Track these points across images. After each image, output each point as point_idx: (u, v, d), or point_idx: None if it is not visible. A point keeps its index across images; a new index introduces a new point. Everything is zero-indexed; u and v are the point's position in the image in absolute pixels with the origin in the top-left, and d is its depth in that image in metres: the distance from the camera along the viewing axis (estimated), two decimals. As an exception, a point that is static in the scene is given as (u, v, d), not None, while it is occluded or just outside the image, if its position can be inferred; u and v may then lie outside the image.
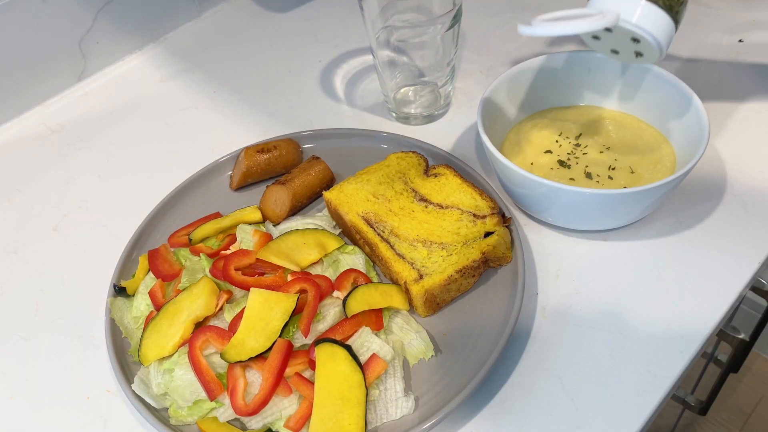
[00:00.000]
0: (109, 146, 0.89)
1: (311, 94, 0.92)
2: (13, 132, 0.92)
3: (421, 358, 0.61)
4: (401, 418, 0.57)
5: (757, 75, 0.86)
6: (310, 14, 1.05)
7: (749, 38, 0.92)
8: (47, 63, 0.93)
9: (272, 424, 0.57)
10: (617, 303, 0.65)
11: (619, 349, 0.61)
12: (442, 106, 0.85)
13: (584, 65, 0.75)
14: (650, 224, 0.71)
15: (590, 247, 0.70)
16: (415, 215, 0.69)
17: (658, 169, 0.70)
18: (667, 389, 0.59)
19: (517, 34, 0.98)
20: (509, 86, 0.74)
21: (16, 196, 0.84)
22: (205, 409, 0.58)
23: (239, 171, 0.76)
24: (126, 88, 0.97)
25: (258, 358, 0.58)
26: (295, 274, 0.65)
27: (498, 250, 0.64)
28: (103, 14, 0.94)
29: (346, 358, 0.56)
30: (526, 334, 0.63)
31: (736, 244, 0.68)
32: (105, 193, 0.83)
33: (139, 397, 0.59)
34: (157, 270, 0.67)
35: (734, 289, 0.65)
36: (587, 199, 0.63)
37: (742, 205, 0.71)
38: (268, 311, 0.59)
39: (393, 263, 0.65)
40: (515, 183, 0.67)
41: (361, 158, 0.77)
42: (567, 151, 0.73)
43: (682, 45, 0.92)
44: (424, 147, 0.77)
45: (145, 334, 0.61)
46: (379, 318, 0.62)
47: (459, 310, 0.64)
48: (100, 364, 0.65)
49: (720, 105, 0.81)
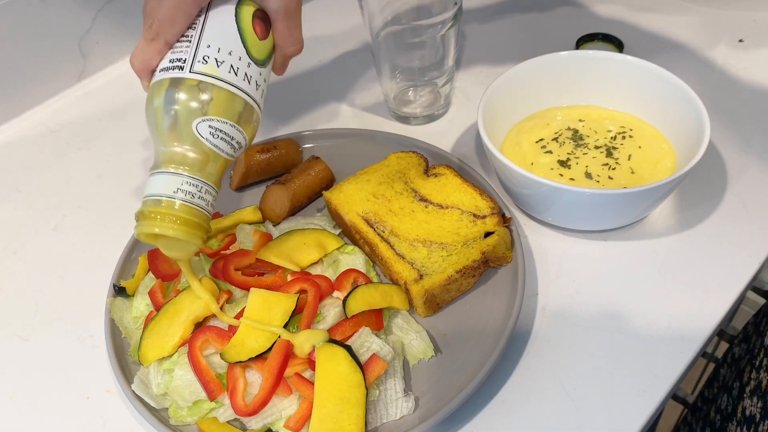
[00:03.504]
0: (109, 146, 0.89)
1: (311, 94, 0.92)
2: (13, 132, 0.92)
3: (421, 358, 0.61)
4: (401, 418, 0.57)
5: (757, 75, 0.86)
6: (310, 14, 1.05)
7: (749, 38, 0.92)
8: (47, 63, 0.92)
9: (272, 424, 0.57)
10: (617, 303, 0.65)
11: (619, 349, 0.61)
12: (442, 106, 0.85)
13: (584, 65, 0.75)
14: (650, 224, 0.71)
15: (590, 247, 0.70)
16: (415, 215, 0.69)
17: (658, 169, 0.70)
18: (667, 389, 0.59)
19: (517, 34, 0.98)
20: (509, 86, 0.74)
21: (16, 196, 0.84)
22: (205, 410, 0.58)
23: (239, 171, 0.76)
24: (126, 88, 0.97)
25: (258, 359, 0.58)
26: (295, 274, 0.65)
27: (498, 250, 0.64)
28: (103, 14, 0.94)
29: (346, 358, 0.56)
30: (526, 334, 0.63)
31: (736, 244, 0.68)
32: (105, 193, 0.83)
33: (139, 398, 0.59)
34: (156, 270, 0.67)
35: (734, 289, 0.65)
36: (587, 199, 0.63)
37: (742, 205, 0.71)
38: (268, 311, 0.59)
39: (393, 263, 0.65)
40: (515, 183, 0.67)
41: (361, 158, 0.77)
42: (567, 151, 0.73)
43: (682, 45, 0.92)
44: (424, 147, 0.77)
45: (145, 334, 0.61)
46: (379, 318, 0.62)
47: (459, 310, 0.64)
48: (100, 364, 0.65)
49: (720, 105, 0.81)
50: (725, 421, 0.75)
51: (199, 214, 0.55)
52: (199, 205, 0.55)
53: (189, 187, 0.54)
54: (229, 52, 0.56)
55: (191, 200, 0.54)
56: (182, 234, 0.54)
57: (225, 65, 0.55)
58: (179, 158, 0.54)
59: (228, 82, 0.55)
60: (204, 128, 0.54)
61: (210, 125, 0.54)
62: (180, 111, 0.54)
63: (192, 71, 0.54)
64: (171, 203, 0.53)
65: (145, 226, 0.54)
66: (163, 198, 0.54)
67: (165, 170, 0.54)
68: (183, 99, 0.54)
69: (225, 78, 0.55)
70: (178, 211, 0.53)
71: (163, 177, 0.54)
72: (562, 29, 0.96)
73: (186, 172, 0.54)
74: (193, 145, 0.54)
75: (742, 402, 0.73)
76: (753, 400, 0.71)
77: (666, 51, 0.91)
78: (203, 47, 0.55)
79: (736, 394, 0.75)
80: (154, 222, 0.53)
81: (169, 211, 0.53)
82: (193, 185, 0.54)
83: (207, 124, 0.54)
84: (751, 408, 0.71)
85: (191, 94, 0.54)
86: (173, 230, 0.53)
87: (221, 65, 0.55)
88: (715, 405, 0.79)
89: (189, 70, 0.55)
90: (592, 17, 0.98)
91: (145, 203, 0.54)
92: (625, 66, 0.74)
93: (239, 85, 0.56)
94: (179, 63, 0.55)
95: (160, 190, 0.54)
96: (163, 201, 0.54)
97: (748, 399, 0.72)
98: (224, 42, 0.56)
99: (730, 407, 0.75)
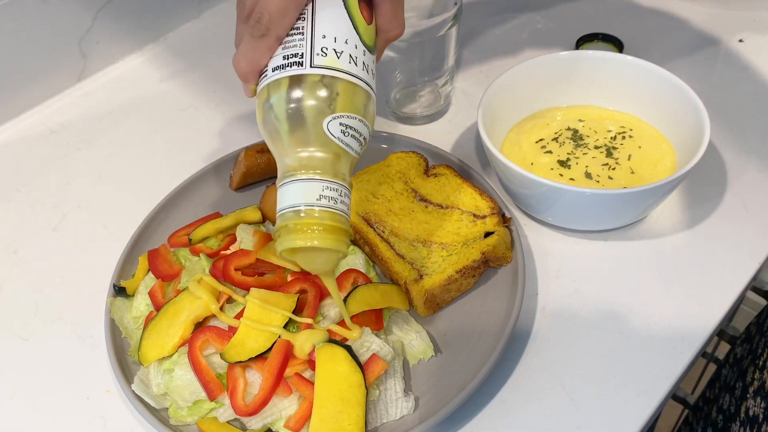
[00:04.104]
0: (109, 146, 0.89)
1: (311, 94, 0.92)
2: (13, 132, 0.92)
3: (421, 358, 0.61)
4: (401, 418, 0.57)
5: (757, 75, 0.86)
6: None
7: (749, 38, 0.92)
8: (47, 63, 0.92)
9: (272, 424, 0.57)
10: (617, 303, 0.65)
11: (619, 349, 0.61)
12: (442, 106, 0.85)
13: (584, 65, 0.75)
14: (650, 224, 0.71)
15: (590, 247, 0.70)
16: (415, 215, 0.69)
17: (658, 169, 0.70)
18: (667, 389, 0.59)
19: (517, 34, 0.98)
20: (509, 86, 0.74)
21: (16, 196, 0.84)
22: (205, 410, 0.58)
23: (239, 171, 0.76)
24: (126, 88, 0.97)
25: (258, 358, 0.57)
26: (295, 274, 0.65)
27: (498, 250, 0.64)
28: (103, 14, 0.94)
29: (346, 358, 0.56)
30: (526, 334, 0.63)
31: (736, 244, 0.68)
32: (105, 193, 0.83)
33: (139, 398, 0.59)
34: (156, 270, 0.67)
35: (734, 289, 0.65)
36: (587, 199, 0.63)
37: (742, 205, 0.71)
38: (268, 311, 0.59)
39: (393, 263, 0.65)
40: (515, 183, 0.67)
41: (361, 158, 0.77)
42: (567, 151, 0.73)
43: (682, 45, 0.92)
44: (424, 147, 0.77)
45: (145, 334, 0.61)
46: (379, 318, 0.62)
47: (459, 310, 0.64)
48: (100, 364, 0.65)
49: (720, 105, 0.81)
50: (728, 421, 0.75)
51: (343, 219, 0.50)
52: (342, 210, 0.50)
53: (329, 192, 0.50)
54: (345, 41, 0.50)
55: (334, 206, 0.50)
56: (331, 243, 0.49)
57: (344, 56, 0.50)
58: (310, 163, 0.50)
59: (351, 74, 0.50)
60: (335, 127, 0.50)
61: (341, 123, 0.50)
62: (307, 111, 0.49)
63: (313, 65, 0.49)
64: (311, 212, 0.49)
65: (288, 240, 0.49)
66: (302, 207, 0.49)
67: (298, 178, 0.49)
68: (308, 97, 0.49)
69: (347, 69, 0.50)
70: (322, 219, 0.49)
71: (298, 185, 0.50)
72: (562, 29, 0.96)
73: (321, 177, 0.49)
74: (323, 146, 0.50)
75: (744, 402, 0.73)
76: (756, 400, 0.71)
77: (666, 51, 0.91)
78: (318, 38, 0.50)
79: (739, 394, 0.75)
80: (298, 235, 0.49)
81: (313, 220, 0.49)
82: (333, 189, 0.50)
83: (338, 122, 0.49)
84: (754, 408, 0.71)
85: (316, 90, 0.49)
86: (321, 241, 0.49)
87: (341, 56, 0.50)
88: (717, 405, 0.79)
89: (310, 65, 0.49)
90: (592, 17, 0.98)
91: (283, 217, 0.50)
92: (625, 66, 0.74)
93: (360, 75, 0.51)
94: (297, 59, 0.50)
95: (299, 200, 0.49)
96: (303, 210, 0.49)
97: (751, 399, 0.72)
98: (338, 31, 0.50)
99: (732, 407, 0.75)
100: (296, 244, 0.49)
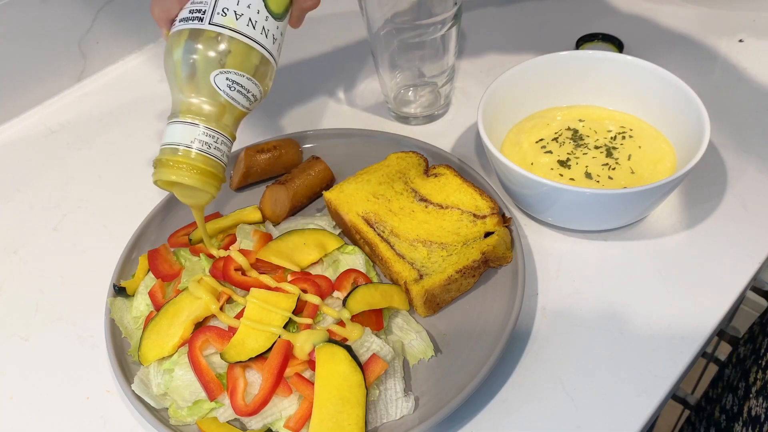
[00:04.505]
0: (109, 146, 0.89)
1: (311, 94, 0.92)
2: (13, 132, 0.92)
3: (421, 358, 0.61)
4: (401, 418, 0.57)
5: (757, 75, 0.86)
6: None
7: (749, 38, 0.92)
8: (47, 63, 0.93)
9: (272, 424, 0.57)
10: (617, 303, 0.65)
11: (619, 349, 0.61)
12: (442, 106, 0.85)
13: (584, 65, 0.75)
14: (650, 224, 0.71)
15: (590, 247, 0.70)
16: (415, 215, 0.69)
17: (658, 169, 0.70)
18: (667, 389, 0.59)
19: (517, 34, 0.98)
20: (509, 86, 0.74)
21: (16, 196, 0.84)
22: (205, 410, 0.58)
23: (239, 171, 0.76)
24: (126, 88, 0.97)
25: (258, 359, 0.58)
26: (295, 274, 0.65)
27: (498, 250, 0.64)
28: (103, 14, 0.94)
29: (346, 358, 0.56)
30: (526, 334, 0.63)
31: (736, 244, 0.68)
32: (105, 193, 0.83)
33: (139, 398, 0.59)
34: (156, 270, 0.67)
35: (734, 289, 0.65)
36: (587, 199, 0.63)
37: (742, 205, 0.71)
38: (268, 311, 0.59)
39: (393, 263, 0.65)
40: (515, 183, 0.67)
41: (361, 158, 0.77)
42: (567, 151, 0.73)
43: (682, 45, 0.92)
44: (424, 147, 0.77)
45: (145, 334, 0.61)
46: (379, 318, 0.62)
47: (459, 310, 0.64)
48: (100, 364, 0.65)
49: (720, 105, 0.81)
50: (730, 421, 0.75)
51: (214, 164, 0.57)
52: (215, 156, 0.57)
53: (205, 137, 0.56)
54: (248, 5, 0.57)
55: (207, 150, 0.57)
56: (198, 183, 0.56)
57: (243, 18, 0.56)
58: (196, 109, 0.56)
59: (246, 35, 0.57)
60: (221, 80, 0.56)
61: (227, 78, 0.56)
62: (198, 62, 0.56)
63: (211, 23, 0.56)
64: (187, 152, 0.56)
65: (163, 173, 0.56)
66: (180, 147, 0.56)
67: (182, 120, 0.56)
68: (202, 50, 0.56)
69: (243, 31, 0.56)
70: (194, 161, 0.56)
71: (180, 126, 0.56)
72: (562, 29, 0.96)
73: (203, 123, 0.56)
74: (210, 97, 0.56)
75: (747, 402, 0.73)
76: (759, 400, 0.71)
77: (666, 51, 0.91)
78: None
79: (742, 394, 0.75)
80: (171, 170, 0.56)
81: (186, 160, 0.56)
82: (210, 136, 0.57)
83: (224, 76, 0.56)
84: (756, 408, 0.71)
85: (210, 45, 0.56)
86: (190, 179, 0.56)
87: (240, 18, 0.56)
88: (720, 405, 0.79)
89: (208, 22, 0.56)
90: (592, 17, 0.98)
91: (163, 151, 0.57)
92: (625, 66, 0.74)
93: (257, 39, 0.57)
94: (199, 14, 0.56)
95: (178, 139, 0.56)
96: (181, 150, 0.56)
97: (754, 399, 0.72)
98: None
99: (735, 407, 0.75)
100: (170, 178, 0.56)
